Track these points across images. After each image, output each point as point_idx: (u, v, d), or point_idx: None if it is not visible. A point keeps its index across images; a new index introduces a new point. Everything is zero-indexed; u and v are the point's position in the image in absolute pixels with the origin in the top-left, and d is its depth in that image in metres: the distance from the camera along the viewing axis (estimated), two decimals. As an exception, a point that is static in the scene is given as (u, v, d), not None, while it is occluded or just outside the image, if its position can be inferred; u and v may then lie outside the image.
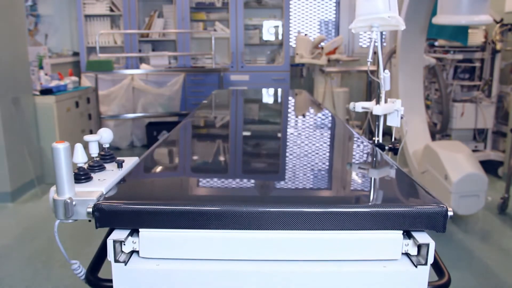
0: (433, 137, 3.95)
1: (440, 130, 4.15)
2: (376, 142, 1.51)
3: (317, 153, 1.33)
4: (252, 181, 1.10)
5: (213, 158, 1.39)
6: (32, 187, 3.71)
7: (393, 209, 0.85)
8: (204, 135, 1.82)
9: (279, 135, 1.79)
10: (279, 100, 2.97)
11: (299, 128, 1.85)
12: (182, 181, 1.13)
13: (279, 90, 3.55)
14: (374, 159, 1.31)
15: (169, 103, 5.22)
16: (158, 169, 1.24)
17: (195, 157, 1.42)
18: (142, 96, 5.15)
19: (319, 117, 2.13)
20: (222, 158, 1.40)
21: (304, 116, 2.22)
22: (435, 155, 3.00)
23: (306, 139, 1.56)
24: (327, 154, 1.36)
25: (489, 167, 4.01)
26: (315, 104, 2.59)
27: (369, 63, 1.37)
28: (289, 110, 2.53)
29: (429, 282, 0.87)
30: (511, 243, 2.85)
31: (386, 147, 1.49)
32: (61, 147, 0.85)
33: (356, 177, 1.11)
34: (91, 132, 4.67)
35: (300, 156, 1.30)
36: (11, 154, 3.46)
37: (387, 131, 1.54)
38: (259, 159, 1.38)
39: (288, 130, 1.85)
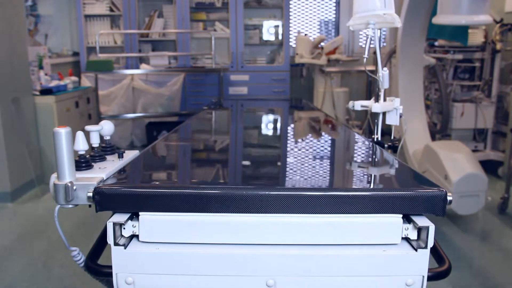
0: (433, 137, 3.95)
1: (440, 130, 4.15)
2: (375, 139, 1.51)
3: (318, 147, 1.33)
4: (253, 167, 1.11)
5: (213, 148, 1.39)
6: (32, 187, 3.71)
7: (392, 192, 0.85)
8: (205, 132, 1.82)
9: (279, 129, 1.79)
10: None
11: (300, 129, 1.85)
12: (182, 169, 1.14)
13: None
14: (374, 152, 1.31)
15: (169, 103, 5.22)
16: (159, 160, 1.24)
17: (195, 148, 1.42)
18: (142, 96, 5.15)
19: (319, 121, 2.13)
20: (222, 147, 1.40)
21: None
22: (435, 155, 3.00)
23: (308, 136, 1.56)
24: (328, 148, 1.36)
25: (489, 167, 4.01)
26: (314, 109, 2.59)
27: (365, 59, 1.39)
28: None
29: (429, 269, 0.87)
30: (511, 243, 2.85)
31: (386, 145, 1.50)
32: (62, 131, 0.86)
33: (356, 167, 1.12)
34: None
35: (302, 148, 1.30)
36: (11, 154, 3.46)
37: (387, 131, 1.54)
38: (260, 149, 1.38)
39: (288, 130, 1.85)
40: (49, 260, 2.53)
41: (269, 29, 5.60)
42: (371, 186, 0.92)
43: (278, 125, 2.01)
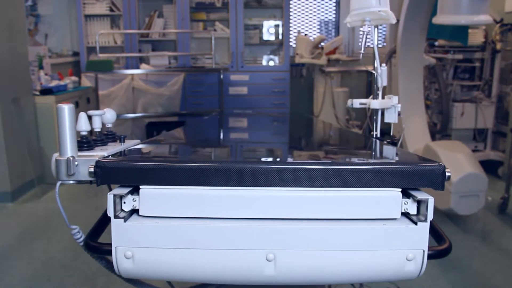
0: (433, 137, 3.95)
1: (440, 130, 4.15)
2: (374, 136, 1.52)
3: (317, 138, 1.34)
4: (253, 144, 1.11)
5: (215, 138, 1.40)
6: (32, 187, 3.71)
7: (392, 166, 0.85)
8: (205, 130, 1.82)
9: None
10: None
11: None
12: (183, 149, 1.14)
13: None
14: (373, 143, 1.33)
15: (169, 103, 5.22)
16: (159, 147, 1.25)
17: (196, 138, 1.43)
18: (142, 96, 5.15)
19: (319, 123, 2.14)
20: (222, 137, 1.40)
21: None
22: (435, 155, 3.00)
23: (307, 136, 1.56)
24: (329, 137, 1.37)
25: (489, 167, 4.01)
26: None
27: (361, 54, 1.44)
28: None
29: (430, 247, 0.87)
30: (511, 243, 2.85)
31: (385, 141, 1.51)
32: (65, 107, 0.87)
33: (356, 147, 1.12)
34: (91, 132, 4.66)
35: (302, 140, 1.31)
36: (11, 154, 3.46)
37: (386, 131, 1.55)
38: (260, 132, 1.39)
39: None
40: (49, 260, 2.53)
41: (269, 29, 5.61)
42: (371, 161, 0.92)
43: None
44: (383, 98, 1.47)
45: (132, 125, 5.33)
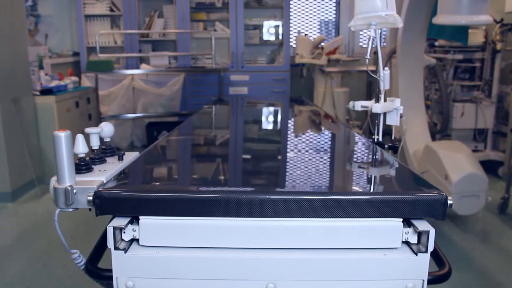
0: (433, 137, 3.95)
1: (440, 130, 4.15)
2: (375, 140, 1.51)
3: (317, 148, 1.33)
4: (253, 171, 1.10)
5: (212, 150, 1.39)
6: (32, 187, 3.71)
7: (393, 196, 0.85)
8: (204, 133, 1.82)
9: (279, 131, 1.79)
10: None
11: (299, 127, 1.85)
12: (182, 171, 1.13)
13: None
14: (375, 153, 1.31)
15: (169, 103, 5.22)
16: (158, 162, 1.24)
17: (194, 151, 1.42)
18: (142, 96, 5.15)
19: (319, 120, 2.13)
20: (221, 151, 1.40)
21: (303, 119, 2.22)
22: (435, 155, 3.00)
23: (307, 136, 1.56)
24: (328, 149, 1.36)
25: (489, 167, 4.01)
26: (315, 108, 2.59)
27: (367, 60, 1.39)
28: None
29: (429, 272, 0.87)
30: (511, 243, 2.85)
31: (386, 146, 1.50)
32: (62, 135, 0.85)
33: (356, 168, 1.12)
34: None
35: (302, 151, 1.30)
36: (11, 154, 3.46)
37: (387, 131, 1.54)
38: (260, 151, 1.38)
39: (288, 128, 1.85)
40: (49, 260, 2.53)
41: (269, 29, 5.61)
42: (371, 190, 0.91)
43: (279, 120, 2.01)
44: (385, 101, 1.46)
45: (132, 125, 5.33)
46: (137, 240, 0.88)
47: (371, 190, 0.90)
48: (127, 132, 5.30)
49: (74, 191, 0.87)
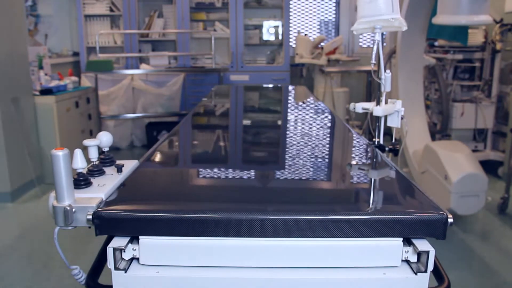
0: (433, 137, 3.95)
1: (440, 130, 4.15)
2: (376, 143, 1.51)
3: (317, 158, 1.32)
4: (253, 186, 1.10)
5: (213, 159, 1.38)
6: (32, 187, 3.71)
7: (393, 216, 0.85)
8: (203, 136, 1.82)
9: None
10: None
11: (298, 126, 1.85)
12: (181, 185, 1.13)
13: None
14: (374, 161, 1.30)
15: (169, 103, 5.22)
16: (158, 173, 1.23)
17: (194, 160, 1.42)
18: (142, 96, 5.15)
19: (319, 117, 2.13)
20: (222, 161, 1.39)
21: (303, 112, 2.22)
22: (435, 155, 3.00)
23: (306, 140, 1.56)
24: (327, 157, 1.35)
25: (489, 167, 4.01)
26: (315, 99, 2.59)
27: (372, 65, 1.37)
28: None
29: None
30: (511, 243, 2.85)
31: (386, 148, 1.49)
32: (60, 154, 0.84)
33: (355, 182, 1.11)
34: (91, 133, 4.67)
35: (300, 160, 1.29)
36: (11, 154, 3.46)
37: (387, 131, 1.54)
38: (260, 162, 1.38)
39: (287, 124, 1.85)
40: (49, 260, 2.53)
41: (269, 29, 5.61)
42: (371, 208, 0.91)
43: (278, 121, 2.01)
44: (386, 103, 1.45)
45: (132, 125, 5.33)
46: (137, 259, 0.88)
47: (371, 210, 0.90)
48: (127, 132, 5.30)
49: (74, 209, 0.86)
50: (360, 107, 1.48)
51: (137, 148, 5.35)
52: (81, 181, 0.95)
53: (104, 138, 1.08)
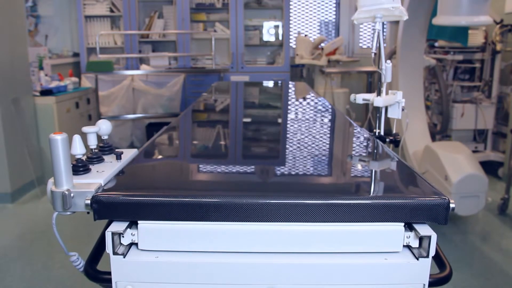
0: (433, 138, 3.95)
1: (440, 130, 4.15)
2: (377, 134, 1.50)
3: (317, 146, 1.32)
4: (252, 172, 1.10)
5: (213, 148, 1.38)
6: (32, 187, 3.71)
7: (394, 201, 0.84)
8: (203, 127, 1.82)
9: (279, 120, 1.78)
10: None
11: (299, 120, 1.85)
12: (181, 172, 1.12)
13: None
14: (375, 150, 1.30)
15: (169, 103, 5.22)
16: (157, 160, 1.23)
17: (194, 148, 1.42)
18: (142, 97, 5.15)
19: (319, 110, 2.13)
20: (221, 150, 1.39)
21: (303, 106, 2.22)
22: (435, 156, 3.00)
23: (306, 132, 1.55)
24: (328, 146, 1.35)
25: (489, 168, 4.01)
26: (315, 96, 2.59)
27: (373, 54, 1.37)
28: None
29: (430, 275, 0.86)
30: (511, 244, 2.85)
31: (387, 139, 1.49)
32: (58, 138, 0.84)
33: (357, 168, 1.11)
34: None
35: (301, 148, 1.29)
36: (11, 154, 3.46)
37: (387, 132, 1.54)
38: (259, 150, 1.38)
39: (288, 118, 1.85)
40: (49, 260, 2.53)
41: (269, 30, 5.61)
42: (373, 193, 0.91)
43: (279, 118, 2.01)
44: (386, 94, 1.45)
45: (132, 125, 5.33)
46: (136, 244, 0.87)
47: (373, 194, 0.89)
48: (127, 133, 5.30)
49: (72, 195, 0.86)
50: (360, 98, 1.48)
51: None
52: (79, 167, 0.94)
53: (103, 126, 1.08)
